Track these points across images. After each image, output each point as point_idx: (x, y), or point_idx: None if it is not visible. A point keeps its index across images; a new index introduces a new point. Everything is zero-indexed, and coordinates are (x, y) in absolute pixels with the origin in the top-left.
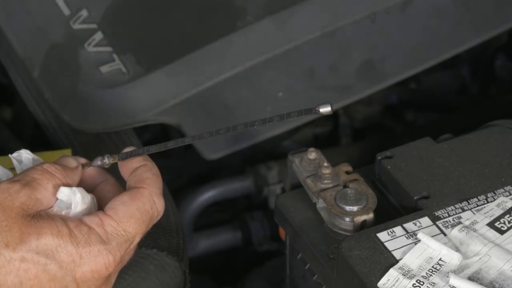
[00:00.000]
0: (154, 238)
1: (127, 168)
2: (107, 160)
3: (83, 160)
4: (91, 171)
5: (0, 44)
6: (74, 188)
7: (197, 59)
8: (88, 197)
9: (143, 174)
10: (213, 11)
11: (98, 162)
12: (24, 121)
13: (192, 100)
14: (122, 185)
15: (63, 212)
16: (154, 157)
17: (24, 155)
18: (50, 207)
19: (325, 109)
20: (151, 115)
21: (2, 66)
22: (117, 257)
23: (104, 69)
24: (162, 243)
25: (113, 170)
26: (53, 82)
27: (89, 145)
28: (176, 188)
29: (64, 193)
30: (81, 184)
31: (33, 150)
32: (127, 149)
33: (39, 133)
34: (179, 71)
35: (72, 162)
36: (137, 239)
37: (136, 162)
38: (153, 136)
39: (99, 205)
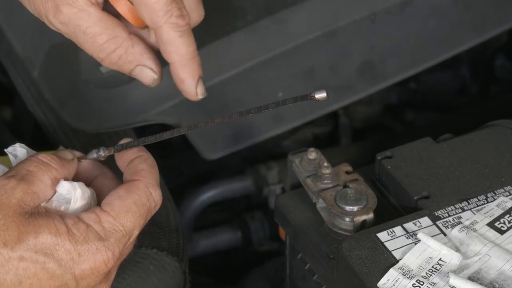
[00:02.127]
0: (154, 238)
1: (123, 160)
2: (103, 153)
3: (78, 154)
4: (87, 164)
5: (0, 44)
6: (75, 183)
7: None
8: (88, 192)
9: (138, 165)
10: (213, 11)
11: (93, 154)
12: (24, 121)
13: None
14: (119, 178)
15: (62, 208)
16: (154, 157)
17: (19, 149)
18: (48, 199)
19: (321, 95)
20: (151, 115)
21: (2, 66)
22: (116, 253)
23: (104, 69)
24: (162, 243)
25: (111, 163)
26: (53, 82)
27: (89, 145)
28: (176, 188)
29: (64, 187)
30: (78, 177)
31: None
32: (123, 141)
33: (39, 133)
34: None
35: (68, 154)
36: (136, 233)
37: (131, 153)
38: None
39: (98, 199)
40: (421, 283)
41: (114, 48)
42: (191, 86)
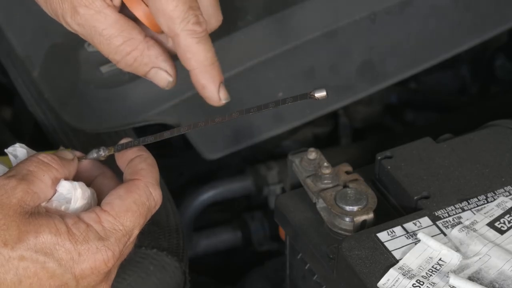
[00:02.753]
0: (154, 238)
1: (123, 160)
2: (103, 152)
3: (78, 153)
4: (87, 164)
5: (0, 44)
6: (75, 183)
7: None
8: (88, 192)
9: (138, 165)
10: None
11: (93, 154)
12: (24, 121)
13: (192, 100)
14: (119, 178)
15: (63, 207)
16: (154, 157)
17: (19, 149)
18: (49, 199)
19: (320, 94)
20: (151, 115)
21: (2, 66)
22: (116, 253)
23: (104, 69)
24: (162, 243)
25: (111, 163)
26: (53, 82)
27: (89, 145)
28: (176, 188)
29: (65, 187)
30: (78, 177)
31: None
32: (123, 140)
33: (39, 133)
34: (179, 71)
35: (68, 154)
36: (136, 232)
37: (131, 153)
38: None
39: (98, 199)
40: (421, 283)
41: (129, 50)
42: (213, 92)
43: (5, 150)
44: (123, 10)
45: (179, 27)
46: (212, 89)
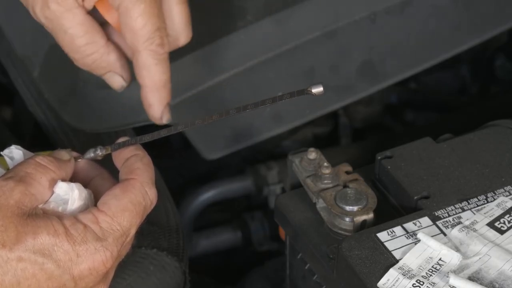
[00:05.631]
0: (154, 238)
1: (119, 158)
2: (100, 152)
3: (75, 154)
4: (84, 164)
5: (0, 44)
6: (72, 184)
7: (197, 59)
8: (85, 193)
9: (134, 164)
10: (213, 11)
11: (91, 154)
12: (24, 121)
13: (192, 100)
14: (116, 178)
15: (60, 208)
16: (154, 157)
17: (15, 151)
18: (46, 201)
19: (317, 89)
20: None
21: (2, 66)
22: (114, 253)
23: None
24: (162, 243)
25: (108, 163)
26: (53, 82)
27: (89, 145)
28: (176, 188)
29: (62, 188)
30: (75, 178)
31: (33, 150)
32: (121, 139)
33: (39, 133)
34: (179, 72)
35: (65, 155)
36: (133, 232)
37: (127, 152)
38: None
39: (95, 200)
40: (421, 283)
41: (90, 52)
42: (158, 111)
43: (1, 153)
44: (92, 13)
45: (142, 45)
46: (157, 109)
